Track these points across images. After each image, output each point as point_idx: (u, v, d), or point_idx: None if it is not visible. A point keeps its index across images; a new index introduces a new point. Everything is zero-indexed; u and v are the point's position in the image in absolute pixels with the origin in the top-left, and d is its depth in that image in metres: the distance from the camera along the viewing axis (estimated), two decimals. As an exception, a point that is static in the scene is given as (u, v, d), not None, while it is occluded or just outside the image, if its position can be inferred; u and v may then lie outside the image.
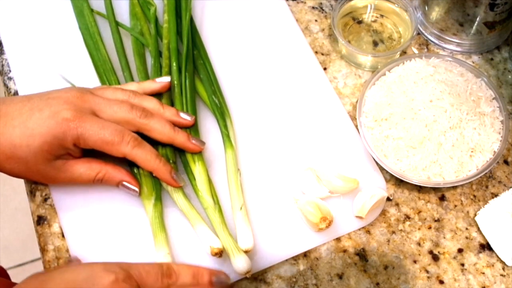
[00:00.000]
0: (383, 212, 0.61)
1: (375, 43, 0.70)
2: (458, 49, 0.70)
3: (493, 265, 0.58)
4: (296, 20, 0.72)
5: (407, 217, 0.61)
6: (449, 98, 0.62)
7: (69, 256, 0.56)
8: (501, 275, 0.58)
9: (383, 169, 0.61)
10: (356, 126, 0.64)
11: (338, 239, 0.59)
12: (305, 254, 0.59)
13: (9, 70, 0.68)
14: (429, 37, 0.71)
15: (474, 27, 0.68)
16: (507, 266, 0.58)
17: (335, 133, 0.64)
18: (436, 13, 0.69)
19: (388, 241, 0.59)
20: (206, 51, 0.68)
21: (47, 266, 0.58)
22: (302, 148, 0.63)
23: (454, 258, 0.59)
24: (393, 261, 0.58)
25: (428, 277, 0.58)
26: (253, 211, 0.59)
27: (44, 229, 0.60)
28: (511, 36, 0.71)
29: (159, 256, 0.55)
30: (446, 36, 0.70)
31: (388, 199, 0.61)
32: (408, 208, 0.61)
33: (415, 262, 0.58)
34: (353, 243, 0.59)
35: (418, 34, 0.71)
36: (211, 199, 0.59)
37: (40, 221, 0.60)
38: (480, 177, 0.62)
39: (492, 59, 0.70)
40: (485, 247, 0.59)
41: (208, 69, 0.66)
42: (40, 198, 0.61)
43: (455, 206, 0.61)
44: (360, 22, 0.71)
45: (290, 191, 0.61)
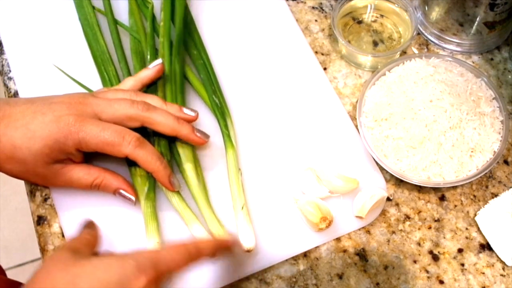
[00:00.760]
0: (383, 212, 0.61)
1: (375, 43, 0.70)
2: (458, 49, 0.70)
3: (493, 265, 0.58)
4: (296, 20, 0.72)
5: (407, 217, 0.61)
6: (449, 98, 0.62)
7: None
8: (501, 275, 0.58)
9: (383, 169, 0.61)
10: (356, 126, 0.64)
11: (338, 239, 0.59)
12: (305, 254, 0.59)
13: (9, 70, 0.68)
14: (429, 37, 0.71)
15: (474, 27, 0.68)
16: (507, 266, 0.58)
17: (335, 133, 0.64)
18: (436, 13, 0.69)
19: (388, 241, 0.59)
20: (207, 51, 0.68)
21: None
22: (302, 148, 0.63)
23: (454, 258, 0.59)
24: (393, 261, 0.58)
25: (428, 277, 0.58)
26: (253, 211, 0.59)
27: (44, 229, 0.60)
28: (511, 36, 0.71)
29: (150, 245, 0.56)
30: (446, 36, 0.70)
31: (388, 199, 0.61)
32: (408, 208, 0.61)
33: (415, 262, 0.58)
34: (353, 243, 0.59)
35: (418, 34, 0.71)
36: (195, 177, 0.59)
37: (40, 221, 0.60)
38: (480, 177, 0.62)
39: (492, 59, 0.70)
40: (485, 247, 0.59)
41: (209, 69, 0.66)
42: (40, 198, 0.61)
43: (455, 206, 0.61)
44: (360, 22, 0.71)
45: (290, 191, 0.61)
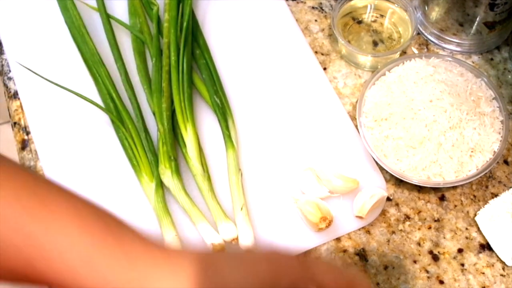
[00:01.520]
0: (383, 212, 0.61)
1: (375, 43, 0.70)
2: (458, 49, 0.70)
3: (493, 265, 0.58)
4: (296, 20, 0.72)
5: (407, 217, 0.61)
6: (449, 98, 0.62)
7: None
8: (501, 275, 0.58)
9: (383, 169, 0.61)
10: (356, 126, 0.64)
11: (338, 239, 0.59)
12: (305, 254, 0.59)
13: (9, 70, 0.68)
14: (429, 37, 0.71)
15: (474, 27, 0.68)
16: (507, 266, 0.58)
17: (335, 133, 0.64)
18: (436, 13, 0.69)
19: (388, 241, 0.59)
20: (210, 51, 0.68)
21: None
22: (302, 148, 0.63)
23: (454, 258, 0.59)
24: (393, 261, 0.58)
25: (428, 277, 0.58)
26: (253, 211, 0.59)
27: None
28: (511, 36, 0.71)
29: (167, 239, 0.56)
30: (446, 36, 0.70)
31: (388, 199, 0.61)
32: (408, 208, 0.61)
33: (415, 262, 0.58)
34: (353, 243, 0.59)
35: (418, 34, 0.71)
36: (201, 167, 0.60)
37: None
38: (480, 177, 0.62)
39: (492, 59, 0.70)
40: (485, 247, 0.59)
41: (211, 69, 0.66)
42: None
43: (455, 206, 0.61)
44: (360, 22, 0.71)
45: (290, 191, 0.61)
